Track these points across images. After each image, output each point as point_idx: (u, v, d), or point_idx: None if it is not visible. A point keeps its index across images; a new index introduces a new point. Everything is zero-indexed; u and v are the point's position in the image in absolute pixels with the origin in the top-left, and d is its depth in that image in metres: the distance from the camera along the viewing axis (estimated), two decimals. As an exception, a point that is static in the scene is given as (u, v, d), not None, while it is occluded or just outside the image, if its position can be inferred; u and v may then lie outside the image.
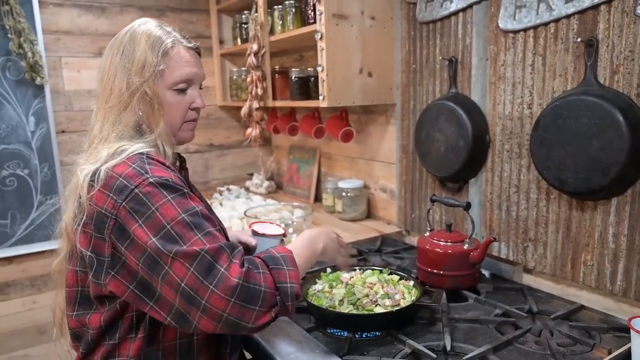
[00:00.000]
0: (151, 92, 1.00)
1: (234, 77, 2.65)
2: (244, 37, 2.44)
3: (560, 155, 1.27)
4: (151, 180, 0.90)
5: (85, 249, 0.93)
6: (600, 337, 1.12)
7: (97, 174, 0.93)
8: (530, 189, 1.44)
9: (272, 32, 2.16)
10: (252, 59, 2.17)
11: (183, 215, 0.87)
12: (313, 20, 1.88)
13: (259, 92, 2.20)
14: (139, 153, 0.96)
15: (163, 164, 0.97)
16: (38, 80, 2.22)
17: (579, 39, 1.26)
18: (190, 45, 1.07)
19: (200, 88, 1.12)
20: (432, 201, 1.54)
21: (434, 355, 1.04)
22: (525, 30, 1.39)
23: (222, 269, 0.84)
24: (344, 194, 2.17)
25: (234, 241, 0.93)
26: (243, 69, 2.54)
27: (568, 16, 1.28)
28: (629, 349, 1.00)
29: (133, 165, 0.92)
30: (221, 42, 2.78)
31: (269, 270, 0.90)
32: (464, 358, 1.03)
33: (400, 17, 1.87)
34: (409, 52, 1.84)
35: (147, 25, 1.04)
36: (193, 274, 0.83)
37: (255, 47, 2.15)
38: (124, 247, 0.89)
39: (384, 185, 2.12)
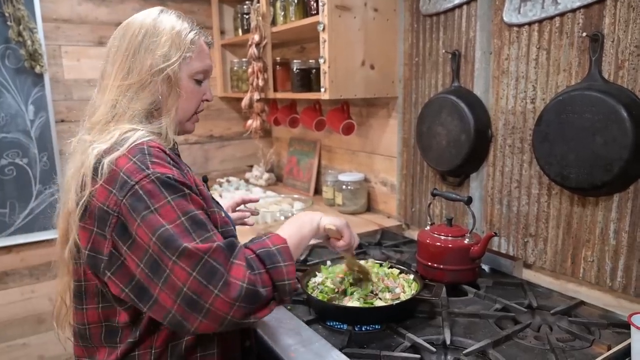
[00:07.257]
0: (174, 77, 1.00)
1: (235, 68, 2.64)
2: (246, 27, 2.43)
3: (563, 151, 1.27)
4: (153, 177, 0.87)
5: (84, 245, 0.91)
6: (600, 333, 1.13)
7: (101, 166, 0.90)
8: (532, 184, 1.44)
9: (274, 23, 2.14)
10: (253, 50, 2.15)
11: (182, 219, 0.85)
12: (315, 12, 1.87)
13: (260, 83, 2.19)
14: (139, 143, 0.93)
15: (164, 154, 0.94)
16: (37, 69, 2.20)
17: (584, 34, 1.25)
18: (208, 40, 1.11)
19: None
20: (433, 195, 1.53)
21: (434, 349, 1.05)
22: (530, 24, 1.38)
23: (225, 273, 0.83)
24: (344, 187, 2.16)
25: (232, 240, 0.89)
26: (244, 60, 2.52)
27: (574, 10, 1.27)
28: (629, 345, 1.00)
29: (134, 159, 0.89)
30: (222, 32, 2.76)
31: (265, 269, 0.89)
32: (463, 352, 1.03)
33: (403, 9, 1.85)
34: (412, 45, 1.83)
35: (169, 13, 1.05)
36: (196, 279, 0.82)
37: (256, 38, 2.13)
38: (125, 247, 0.87)
39: (385, 179, 2.12)
